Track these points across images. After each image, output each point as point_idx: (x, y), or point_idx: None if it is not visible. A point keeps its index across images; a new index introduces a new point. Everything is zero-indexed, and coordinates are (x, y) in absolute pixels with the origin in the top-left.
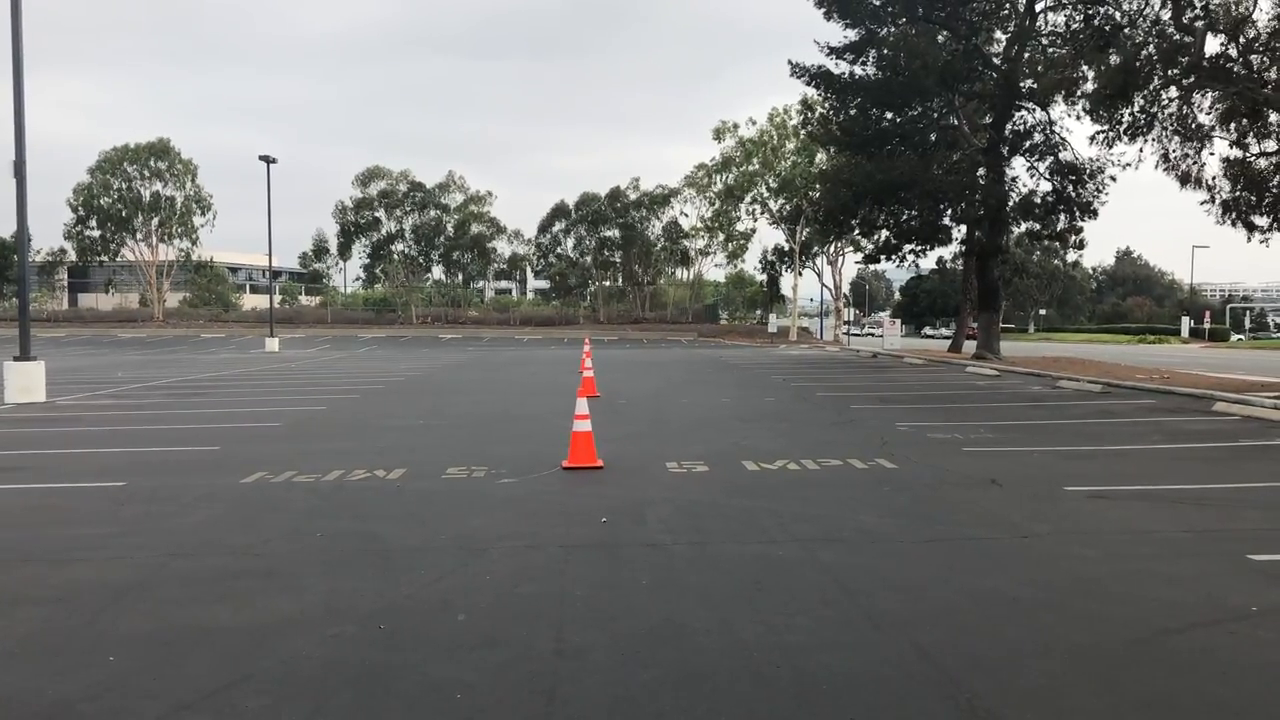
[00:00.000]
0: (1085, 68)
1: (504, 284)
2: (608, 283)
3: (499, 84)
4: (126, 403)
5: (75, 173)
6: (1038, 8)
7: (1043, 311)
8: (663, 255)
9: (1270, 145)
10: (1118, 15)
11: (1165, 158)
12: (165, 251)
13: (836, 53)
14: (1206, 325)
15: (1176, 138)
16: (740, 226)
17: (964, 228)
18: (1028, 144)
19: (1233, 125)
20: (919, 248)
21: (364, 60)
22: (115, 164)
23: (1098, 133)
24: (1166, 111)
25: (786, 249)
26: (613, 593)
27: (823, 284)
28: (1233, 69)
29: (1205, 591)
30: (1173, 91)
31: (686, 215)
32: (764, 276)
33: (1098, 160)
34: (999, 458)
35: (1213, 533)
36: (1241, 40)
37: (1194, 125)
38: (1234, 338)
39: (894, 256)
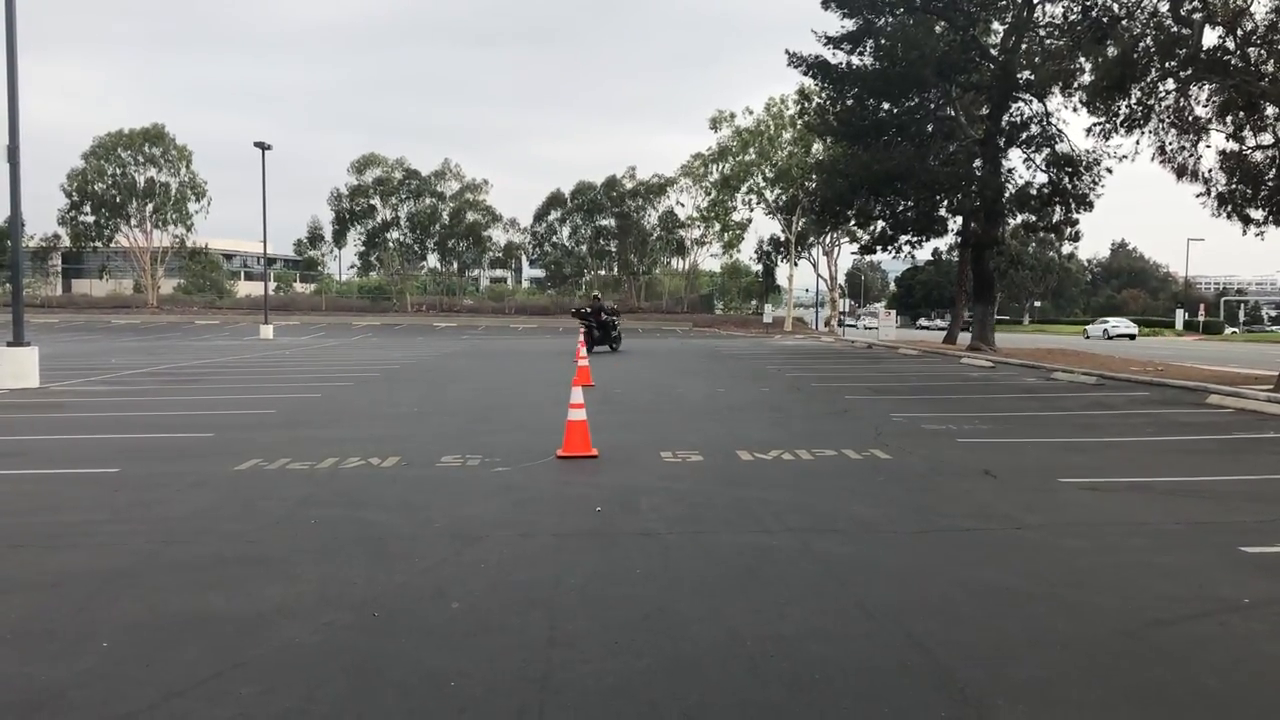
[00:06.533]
0: (1082, 59)
1: (499, 272)
2: (603, 272)
3: (496, 71)
4: (120, 389)
5: (69, 158)
6: None
7: (1038, 303)
8: (658, 245)
9: (1267, 138)
10: (1115, 7)
11: (1162, 150)
12: (159, 238)
13: (834, 42)
14: (1201, 318)
15: (1173, 130)
16: (736, 216)
17: (960, 219)
18: (1024, 135)
19: (1229, 118)
20: (915, 239)
21: (360, 46)
22: (110, 149)
23: (1094, 125)
24: (1163, 104)
25: (782, 239)
26: (606, 581)
27: (818, 275)
28: (1230, 62)
29: (1197, 583)
30: (1170, 84)
31: (683, 205)
32: (759, 267)
33: (1094, 152)
34: (993, 449)
35: (1205, 525)
36: (1239, 33)
37: (1191, 118)
38: (1228, 331)
39: (890, 247)
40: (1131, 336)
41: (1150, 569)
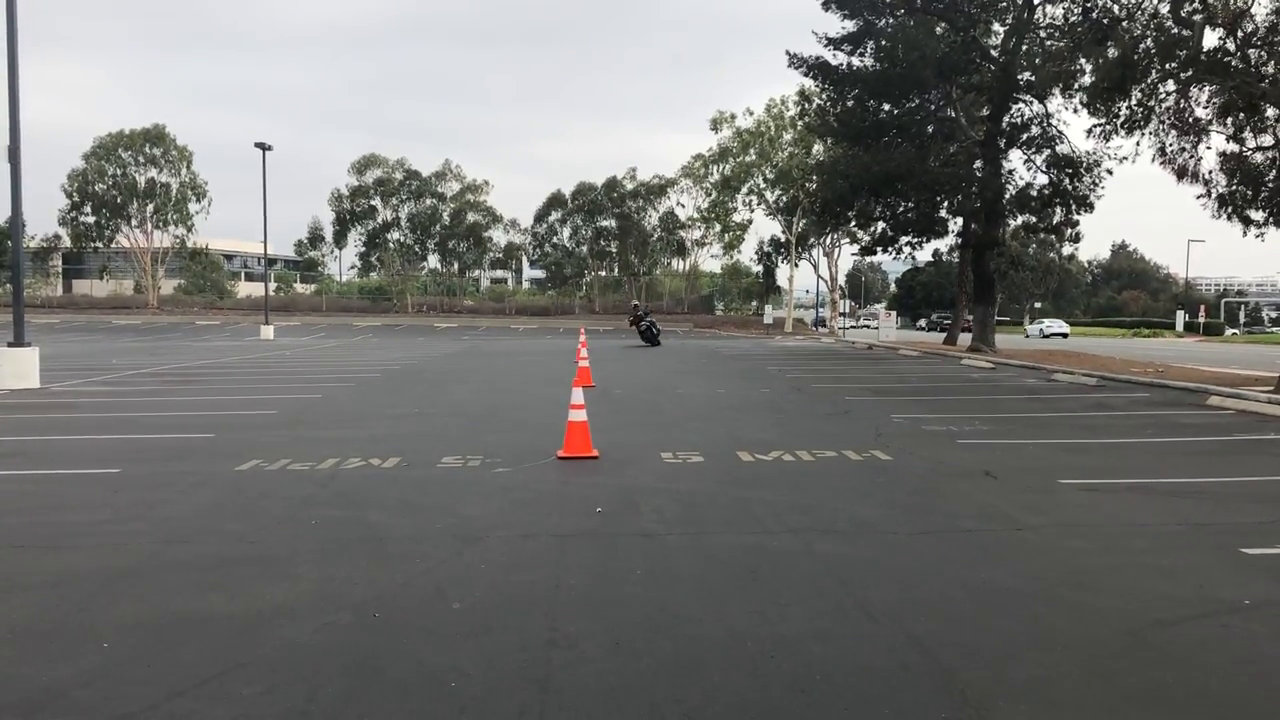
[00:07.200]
0: (1083, 60)
1: (500, 273)
2: (603, 273)
3: (496, 71)
4: (121, 389)
5: (70, 159)
6: (1035, 0)
7: (1038, 305)
8: (659, 246)
9: (1267, 140)
10: (1116, 8)
11: (1162, 151)
12: (160, 238)
13: (834, 44)
14: (1201, 319)
15: (1173, 131)
16: (736, 217)
17: (960, 220)
18: (1025, 137)
19: (1230, 119)
20: (915, 240)
21: (361, 46)
22: (110, 150)
23: (1095, 126)
24: (1164, 105)
25: (783, 240)
26: (607, 582)
27: (819, 275)
28: (1230, 63)
29: (1198, 584)
30: (1170, 85)
31: (683, 206)
32: (760, 268)
33: (1094, 153)
34: (993, 450)
35: (1206, 526)
36: (1239, 34)
37: (1191, 119)
38: (1228, 332)
39: (890, 248)
40: (1064, 335)
41: (1151, 570)
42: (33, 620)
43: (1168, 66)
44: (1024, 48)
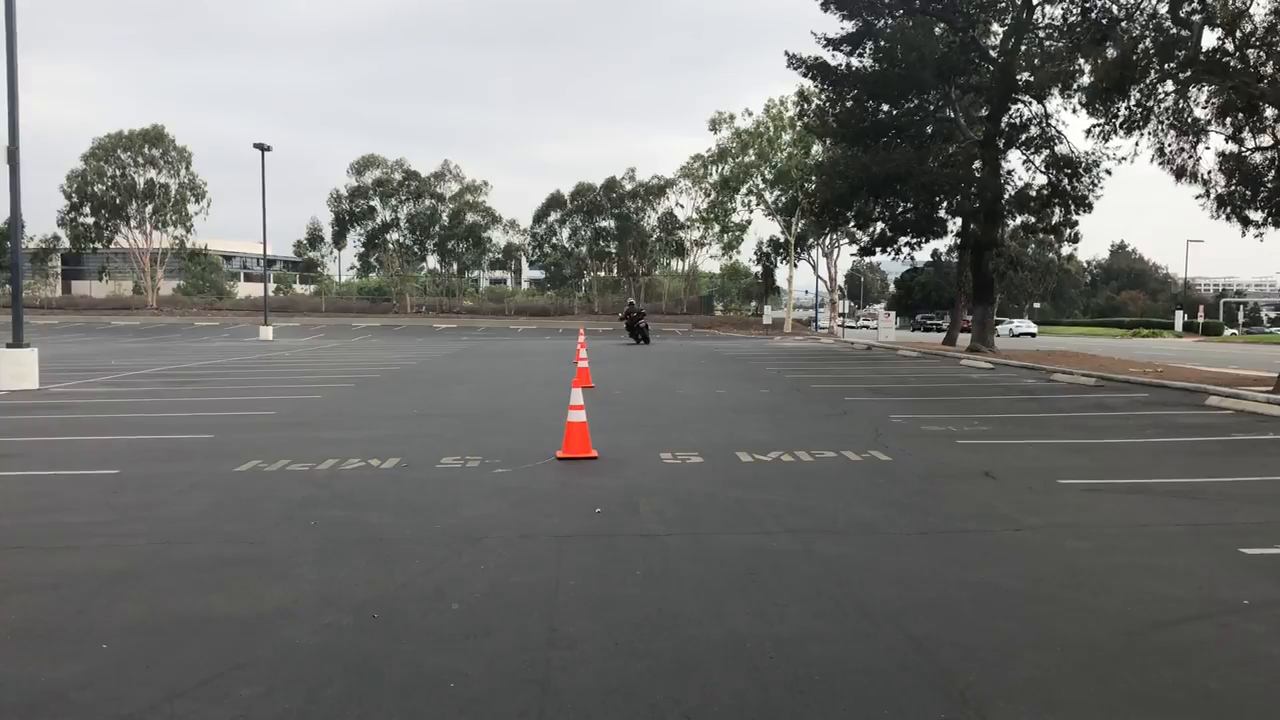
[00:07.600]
0: (1082, 61)
1: (499, 274)
2: (603, 273)
3: (496, 71)
4: (120, 390)
5: (68, 159)
6: (1035, 0)
7: (1037, 305)
8: (658, 246)
9: (1266, 140)
10: (1115, 9)
11: (1161, 151)
12: (159, 239)
13: (833, 44)
14: (1200, 320)
15: (1172, 131)
16: (736, 218)
17: (959, 221)
18: (1024, 137)
19: (1229, 120)
20: (914, 240)
21: (360, 47)
22: (109, 150)
23: (1094, 126)
24: (1163, 105)
25: (782, 241)
26: (606, 583)
27: (818, 276)
28: (1229, 63)
29: (1197, 585)
30: (1169, 85)
31: (682, 206)
32: (759, 268)
33: (1093, 154)
34: (992, 450)
35: (1205, 526)
36: (1238, 34)
37: (1190, 119)
38: (1227, 332)
39: (889, 249)
40: (1032, 334)
41: (1150, 571)
42: (33, 621)
43: (1166, 67)
44: (1023, 48)
